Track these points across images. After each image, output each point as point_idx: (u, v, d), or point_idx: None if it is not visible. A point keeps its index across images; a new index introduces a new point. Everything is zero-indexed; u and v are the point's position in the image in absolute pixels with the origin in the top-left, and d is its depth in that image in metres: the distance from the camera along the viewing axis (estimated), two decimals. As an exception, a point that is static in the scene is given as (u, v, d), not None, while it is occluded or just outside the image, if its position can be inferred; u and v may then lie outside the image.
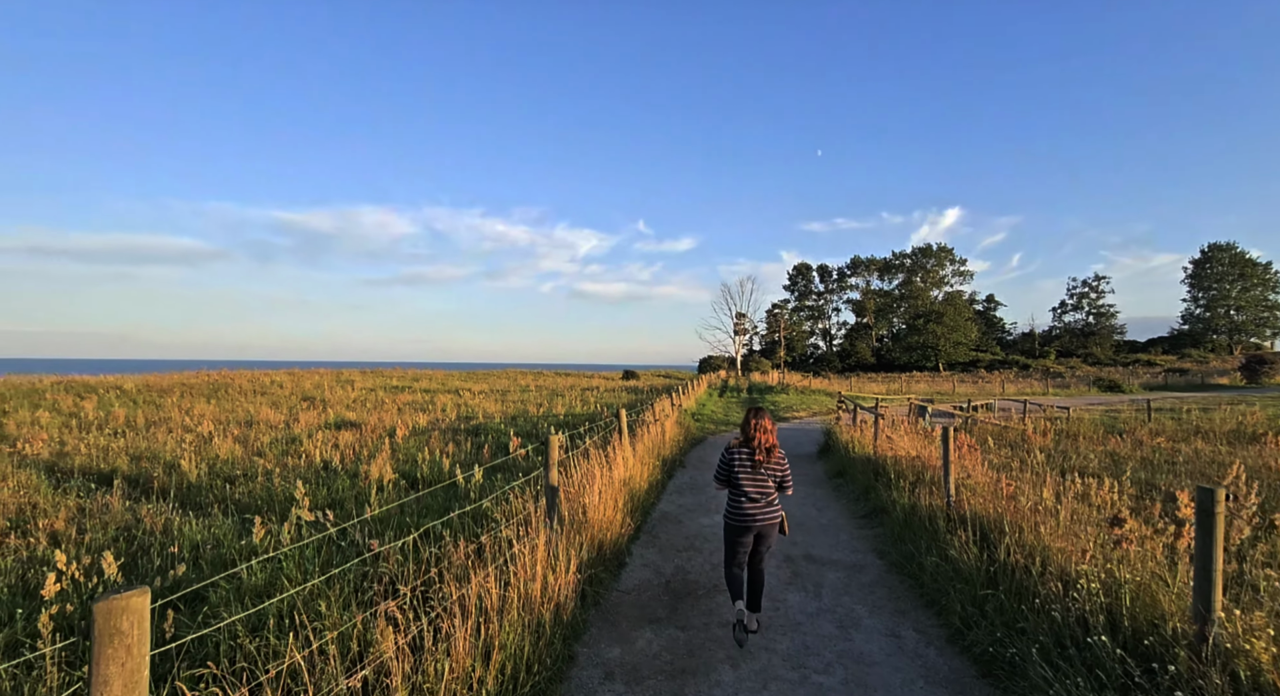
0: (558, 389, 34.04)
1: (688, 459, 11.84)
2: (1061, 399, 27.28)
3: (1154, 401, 20.37)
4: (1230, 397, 25.99)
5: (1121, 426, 14.43)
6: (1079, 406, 17.66)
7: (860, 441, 9.77)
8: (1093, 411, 18.51)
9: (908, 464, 7.73)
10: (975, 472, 6.45)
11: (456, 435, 13.36)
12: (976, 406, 20.17)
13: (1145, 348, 78.69)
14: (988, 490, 5.69)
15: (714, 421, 18.90)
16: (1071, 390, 35.02)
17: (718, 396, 30.00)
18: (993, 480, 5.90)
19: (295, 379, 32.83)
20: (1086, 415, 16.44)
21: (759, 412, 4.35)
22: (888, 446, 9.01)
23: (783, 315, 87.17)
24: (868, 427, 10.41)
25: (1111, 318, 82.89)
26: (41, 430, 11.89)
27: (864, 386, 33.58)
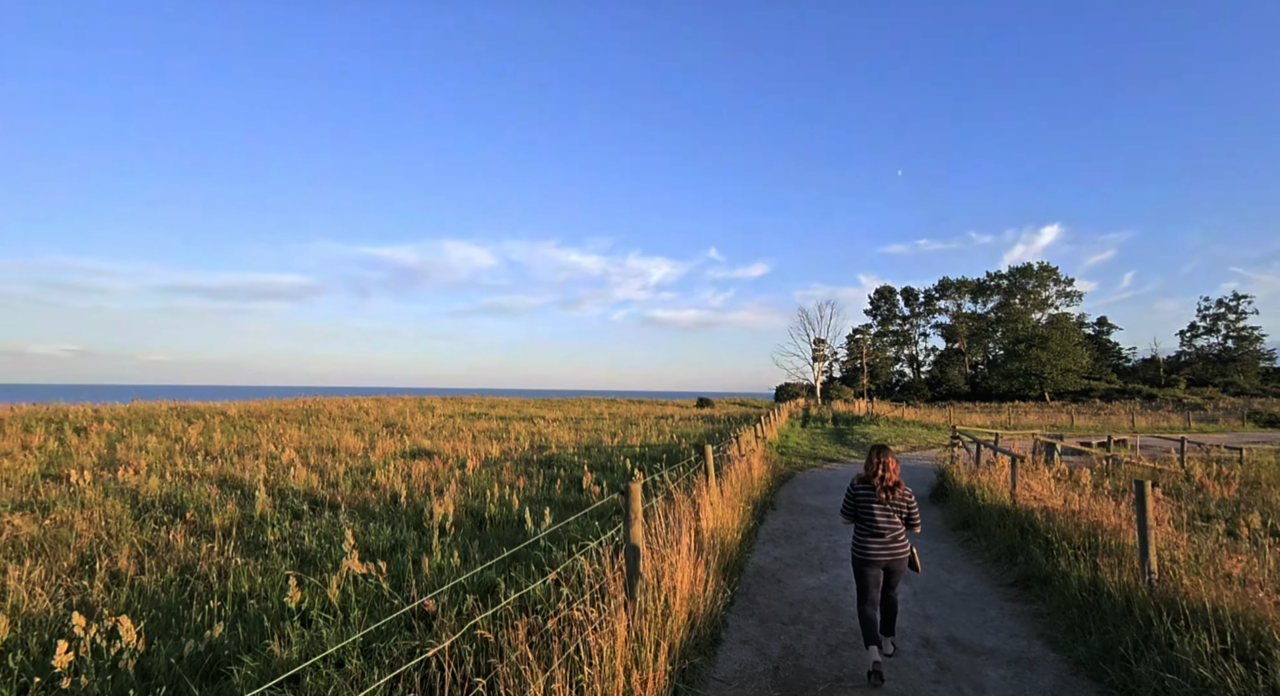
0: (632, 417, 33.41)
1: (777, 499, 10.63)
2: (1217, 436, 23.43)
3: None
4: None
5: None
6: (1248, 445, 14.77)
7: (989, 486, 8.25)
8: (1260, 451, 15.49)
9: (1066, 520, 6.25)
10: (1172, 536, 4.97)
11: (529, 467, 12.82)
12: (1112, 443, 17.48)
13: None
14: (1203, 565, 4.26)
15: (800, 455, 17.43)
16: (1220, 425, 30.20)
17: (800, 427, 28.20)
18: (1204, 550, 4.45)
19: (381, 405, 34.07)
20: (1269, 458, 13.64)
21: (882, 451, 4.40)
22: (1027, 494, 7.49)
23: (865, 341, 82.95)
24: (997, 470, 8.84)
25: (1256, 342, 72.98)
26: (146, 455, 12.44)
27: (964, 417, 30.55)
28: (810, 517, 9.19)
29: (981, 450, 9.71)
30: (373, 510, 7.79)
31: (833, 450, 18.88)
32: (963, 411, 35.04)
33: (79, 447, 13.22)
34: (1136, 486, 4.67)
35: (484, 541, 6.25)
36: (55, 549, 5.76)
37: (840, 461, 16.56)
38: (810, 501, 10.62)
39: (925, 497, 10.92)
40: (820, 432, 25.70)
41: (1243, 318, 73.50)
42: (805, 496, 11.12)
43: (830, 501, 10.57)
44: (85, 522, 6.53)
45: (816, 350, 74.28)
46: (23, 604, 4.21)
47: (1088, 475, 8.54)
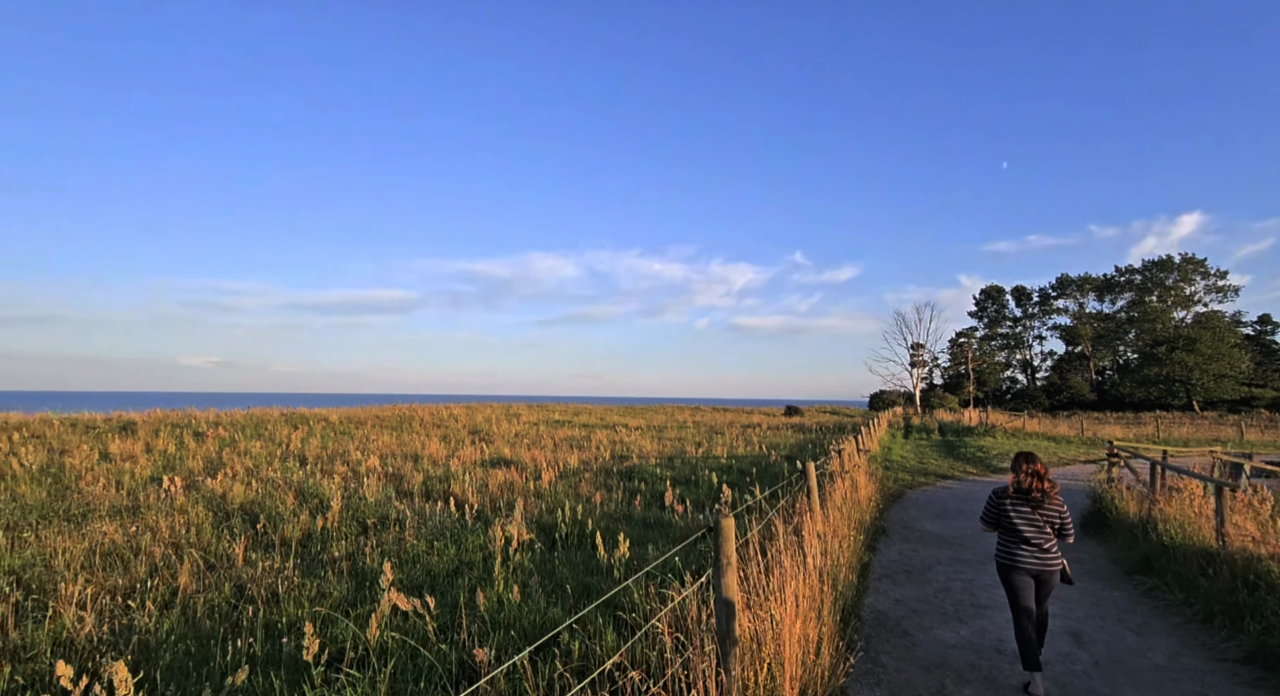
0: (716, 426, 32.23)
1: (889, 523, 9.22)
2: None
3: None
4: None
5: None
6: None
7: (1178, 520, 6.49)
8: None
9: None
10: None
11: (609, 478, 12.14)
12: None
13: None
14: None
15: (907, 470, 15.60)
16: None
17: (902, 438, 25.80)
18: None
19: (470, 412, 35.04)
20: None
21: (1030, 458, 4.24)
22: (1238, 534, 5.74)
23: (970, 345, 76.41)
24: (1185, 498, 6.97)
25: None
26: (248, 459, 12.98)
27: (1098, 430, 26.72)
28: (932, 548, 7.78)
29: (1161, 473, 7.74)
30: (443, 525, 7.34)
31: (944, 465, 16.81)
32: (1094, 422, 30.80)
33: (195, 452, 14.08)
34: None
35: (550, 571, 5.54)
36: (131, 560, 5.66)
37: (955, 478, 14.62)
38: (928, 526, 9.13)
39: (1078, 526, 9.10)
40: (926, 445, 23.30)
41: None
42: (921, 520, 9.61)
43: (953, 527, 9.02)
44: (167, 531, 6.50)
45: (915, 355, 69.19)
46: (63, 631, 3.94)
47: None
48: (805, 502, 5.91)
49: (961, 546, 7.89)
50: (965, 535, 8.56)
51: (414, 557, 5.89)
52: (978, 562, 7.10)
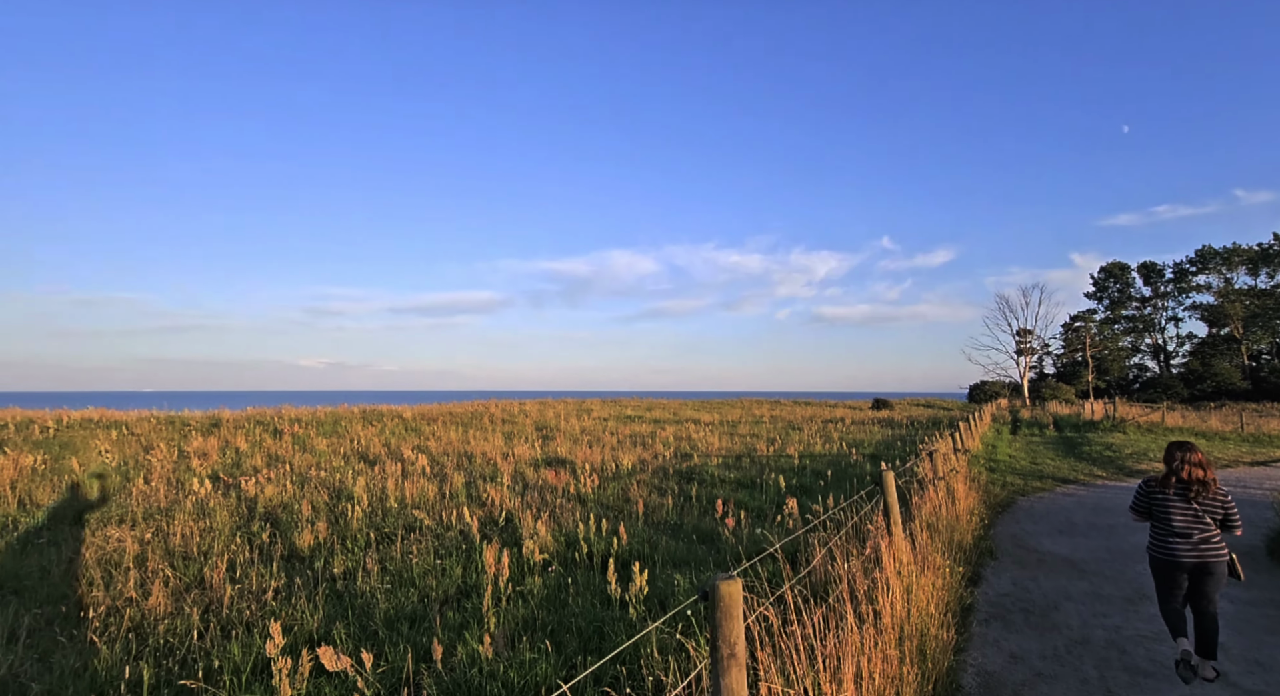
0: (795, 421, 30.38)
1: (996, 540, 7.54)
2: None
3: None
4: None
5: None
6: None
7: None
8: None
9: None
10: None
11: (665, 480, 11.11)
12: None
13: None
14: None
15: (1017, 473, 13.40)
16: None
17: (1009, 434, 22.85)
18: None
19: (542, 408, 35.16)
20: None
21: (1188, 447, 4.02)
22: None
23: (1089, 329, 68.47)
24: None
25: None
26: (309, 457, 13.10)
27: (1261, 423, 22.36)
28: (1057, 577, 6.12)
29: None
30: (462, 535, 6.61)
31: (1064, 467, 14.36)
32: (1254, 415, 25.95)
33: (269, 448, 14.50)
34: None
35: (562, 602, 4.58)
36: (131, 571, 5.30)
37: (1080, 482, 12.32)
38: (1048, 545, 7.37)
39: (1260, 549, 7.00)
40: (1040, 442, 20.41)
41: None
42: (1038, 536, 7.82)
43: (1084, 548, 7.22)
44: (179, 538, 6.18)
45: (1021, 342, 62.74)
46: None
47: None
48: (883, 527, 4.59)
49: (1098, 575, 6.17)
50: (1101, 558, 6.77)
51: (415, 578, 5.15)
52: (1124, 600, 5.43)
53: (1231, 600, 5.36)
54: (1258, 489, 11.37)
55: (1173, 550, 3.91)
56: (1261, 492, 11.00)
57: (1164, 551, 3.96)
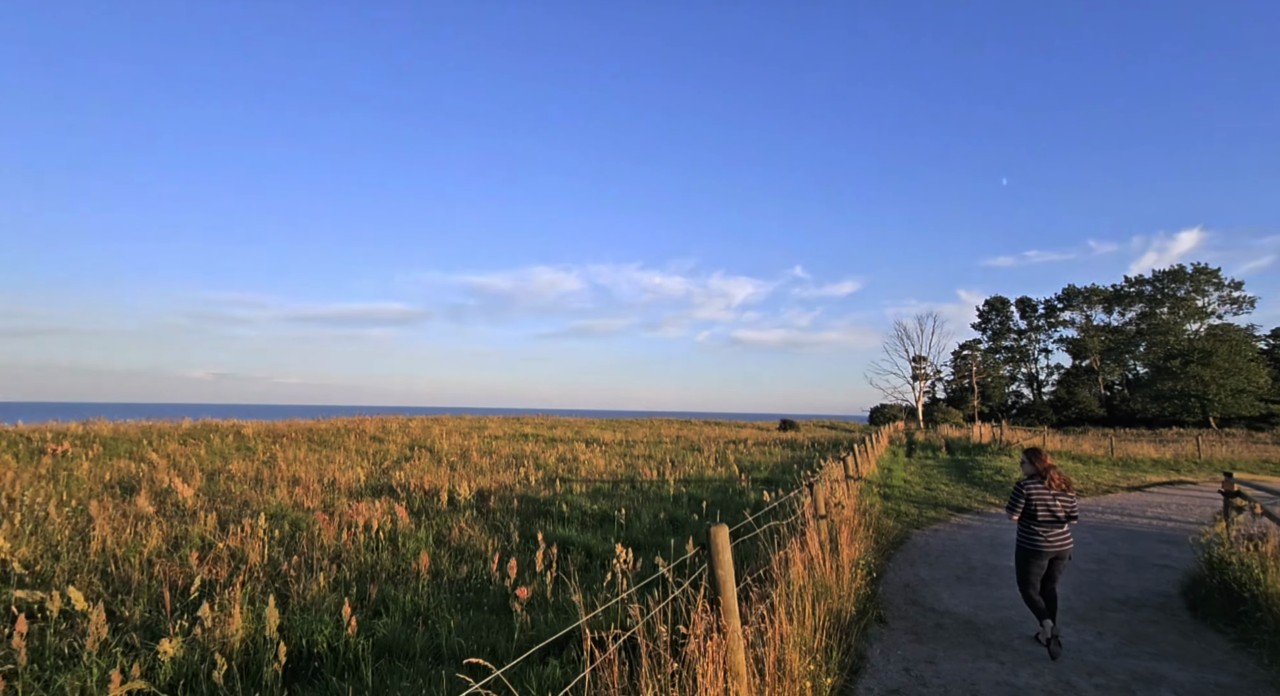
0: (699, 441, 29.11)
1: (887, 593, 6.07)
2: None
3: None
4: None
5: None
6: None
7: None
8: None
9: None
10: None
11: (509, 516, 9.01)
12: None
13: None
14: None
15: (912, 500, 12.43)
16: None
17: (904, 457, 22.60)
18: None
19: (429, 425, 31.94)
20: None
21: (1040, 451, 4.94)
22: None
23: (975, 357, 73.37)
24: None
25: None
26: (51, 487, 9.85)
27: (1127, 448, 23.54)
28: (959, 653, 4.63)
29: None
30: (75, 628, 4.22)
31: (958, 492, 13.64)
32: (1120, 441, 27.56)
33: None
34: None
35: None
36: None
37: (974, 512, 11.46)
38: (947, 600, 5.97)
39: (1176, 600, 5.92)
40: (934, 465, 20.12)
41: None
42: (936, 587, 6.45)
43: (987, 603, 5.87)
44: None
45: (917, 368, 66.01)
46: None
47: None
48: (710, 611, 2.80)
49: (1007, 650, 4.74)
50: (1009, 619, 5.41)
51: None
52: (1047, 695, 3.96)
53: (1177, 691, 4.03)
54: (1141, 517, 10.92)
55: (1041, 539, 4.69)
56: (1146, 521, 10.50)
57: (1032, 543, 4.73)
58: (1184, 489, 14.97)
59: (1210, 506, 12.05)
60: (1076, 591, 6.29)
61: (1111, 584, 6.57)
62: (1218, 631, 5.08)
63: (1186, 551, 7.81)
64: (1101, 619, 5.46)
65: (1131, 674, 4.27)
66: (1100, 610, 5.70)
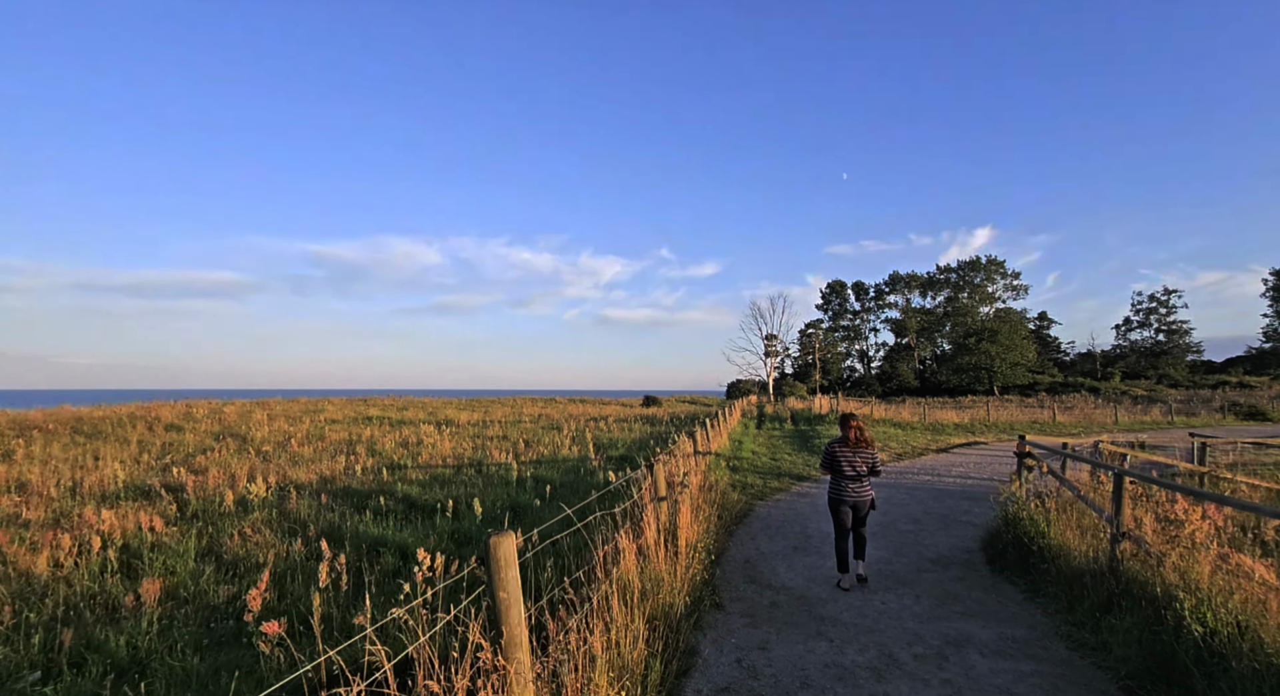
0: (560, 420, 28.43)
1: (725, 572, 5.87)
2: (1218, 431, 20.57)
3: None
4: None
5: None
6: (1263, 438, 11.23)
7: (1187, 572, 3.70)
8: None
9: None
10: None
11: (315, 514, 7.65)
12: (1142, 445, 13.75)
13: (1223, 368, 69.83)
14: None
15: (758, 471, 12.85)
16: (1203, 418, 27.87)
17: (755, 429, 23.83)
18: None
19: (249, 410, 27.81)
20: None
21: (853, 416, 5.60)
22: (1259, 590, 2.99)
23: (817, 336, 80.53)
24: (1146, 515, 4.28)
25: (1185, 335, 74.31)
26: None
27: (936, 414, 27.05)
28: (792, 635, 4.45)
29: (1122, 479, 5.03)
30: None
31: (799, 461, 14.41)
32: (929, 408, 31.65)
33: None
34: None
35: None
36: None
37: (813, 479, 12.07)
38: (783, 574, 5.91)
39: (978, 555, 6.40)
40: (780, 435, 21.38)
41: (1173, 311, 74.81)
42: (774, 560, 6.41)
43: (820, 572, 5.89)
44: None
45: (769, 345, 70.94)
46: None
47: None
48: (490, 650, 2.09)
49: (837, 624, 4.66)
50: (843, 597, 5.42)
51: None
52: (871, 673, 3.85)
53: (983, 651, 4.14)
54: (948, 476, 12.21)
55: (844, 491, 5.39)
56: (952, 480, 11.74)
57: (837, 493, 5.44)
58: (979, 449, 17.26)
59: (999, 463, 13.87)
60: (898, 554, 6.59)
61: (926, 543, 7.01)
62: (1012, 583, 5.49)
63: (985, 506, 8.68)
64: (918, 580, 5.69)
65: (944, 638, 4.35)
66: (917, 571, 5.96)
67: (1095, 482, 7.03)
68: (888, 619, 4.73)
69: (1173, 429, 23.41)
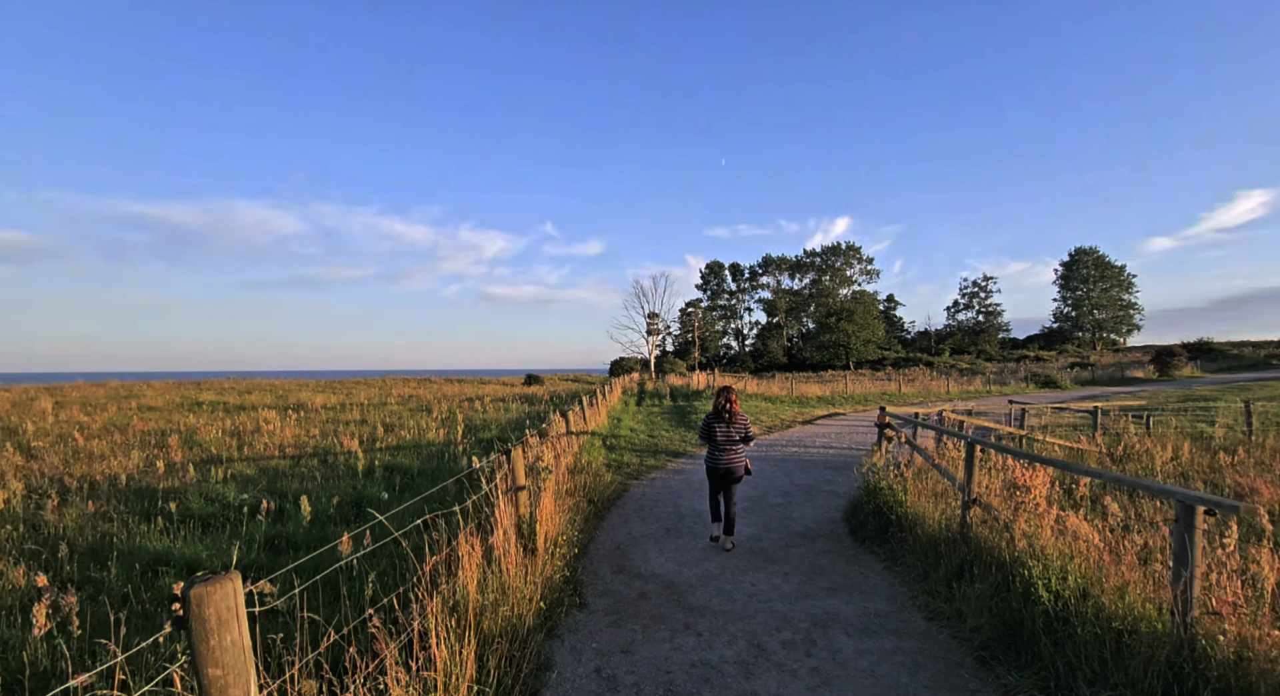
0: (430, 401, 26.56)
1: (592, 569, 5.41)
2: (1026, 397, 23.97)
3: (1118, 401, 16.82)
4: (1183, 392, 23.54)
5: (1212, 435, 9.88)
6: (1067, 405, 13.34)
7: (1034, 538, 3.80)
8: (1072, 414, 14.25)
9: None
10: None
11: (81, 523, 6.08)
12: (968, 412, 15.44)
13: (1024, 344, 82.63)
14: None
15: (635, 449, 12.63)
16: (1011, 387, 32.50)
17: (635, 406, 23.85)
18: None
19: (34, 395, 22.89)
20: (1174, 420, 11.74)
21: (727, 390, 5.94)
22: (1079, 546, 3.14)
23: (696, 314, 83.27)
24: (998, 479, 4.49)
25: (998, 316, 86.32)
26: None
27: (802, 388, 28.91)
28: (659, 632, 4.08)
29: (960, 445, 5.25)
30: None
31: (676, 438, 14.44)
32: (796, 382, 33.82)
33: None
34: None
35: None
36: None
37: (688, 454, 12.07)
38: (655, 561, 5.58)
39: (842, 526, 6.52)
40: (659, 411, 21.52)
41: (990, 295, 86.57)
42: (644, 546, 6.07)
43: (691, 555, 5.63)
44: None
45: (650, 323, 72.02)
46: None
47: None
48: None
49: (706, 613, 4.38)
50: (709, 573, 5.18)
51: None
52: (739, 668, 3.56)
53: (848, 630, 4.04)
54: (813, 447, 12.81)
55: (718, 459, 5.79)
56: (817, 450, 12.32)
57: (712, 461, 5.84)
58: (839, 420, 18.51)
59: (857, 433, 14.85)
60: (767, 529, 6.55)
61: (794, 516, 7.07)
62: (873, 553, 5.59)
63: (847, 476, 9.06)
64: (786, 556, 5.62)
65: (812, 619, 4.22)
66: (785, 547, 5.92)
67: (941, 449, 7.49)
68: (757, 602, 4.53)
69: (991, 397, 26.93)
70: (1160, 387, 28.67)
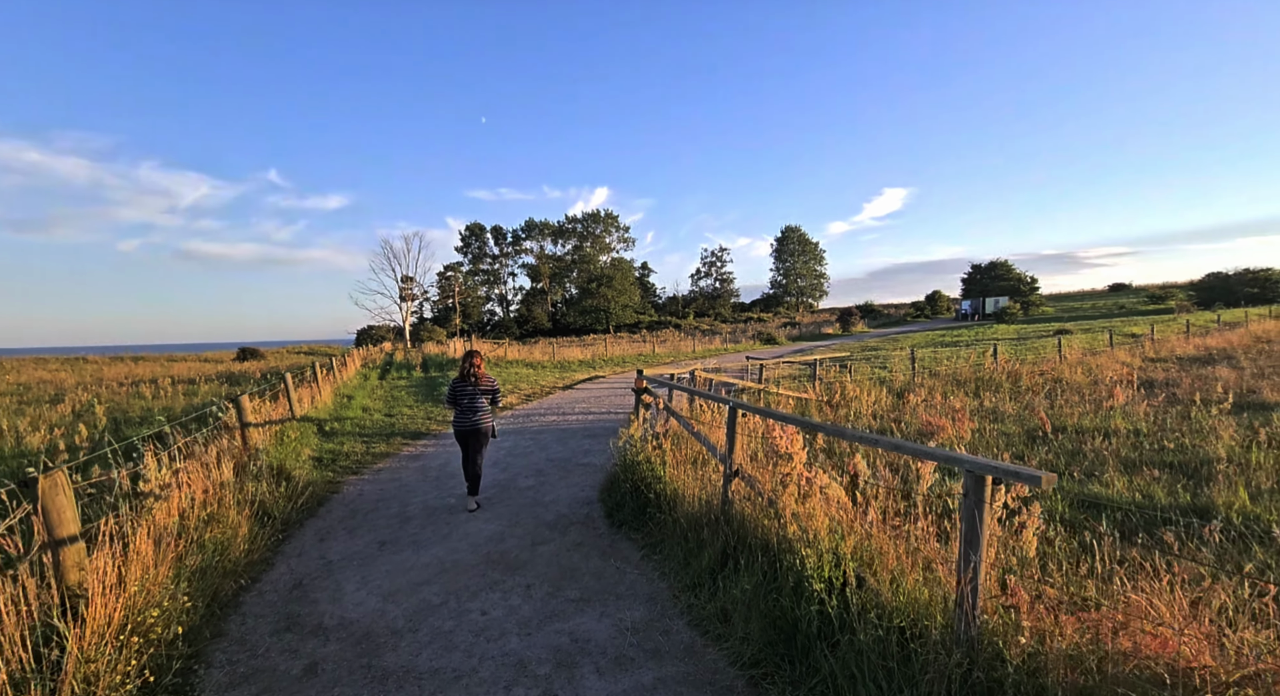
0: (69, 387, 19.51)
1: (253, 614, 3.61)
2: (756, 353, 27.27)
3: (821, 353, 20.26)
4: (861, 344, 29.47)
5: (890, 380, 11.96)
6: (783, 360, 15.53)
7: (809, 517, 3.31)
8: (793, 365, 16.70)
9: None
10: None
11: None
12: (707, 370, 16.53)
13: (750, 308, 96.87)
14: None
15: (364, 434, 10.35)
16: (743, 344, 37.09)
17: (377, 379, 20.59)
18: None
19: None
20: (861, 372, 13.84)
21: (473, 354, 6.02)
22: (831, 509, 2.80)
23: (457, 279, 77.91)
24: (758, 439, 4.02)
25: (731, 283, 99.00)
26: None
27: (563, 352, 28.55)
28: None
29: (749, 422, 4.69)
30: None
31: (420, 415, 12.42)
32: (558, 346, 33.50)
33: None
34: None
35: None
36: None
37: (431, 434, 10.31)
38: (353, 595, 4.00)
39: (598, 507, 5.68)
40: (406, 385, 18.83)
41: (724, 265, 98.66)
42: (345, 572, 4.40)
43: (414, 577, 4.18)
44: None
45: (405, 288, 64.65)
46: None
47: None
48: None
49: (410, 678, 3.04)
50: (428, 605, 3.83)
51: None
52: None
53: (599, 664, 3.10)
54: (572, 414, 12.10)
55: (464, 420, 5.87)
56: (576, 417, 11.62)
57: (460, 424, 5.89)
58: (599, 382, 18.36)
59: (615, 395, 14.66)
60: (514, 523, 5.40)
61: (546, 501, 6.05)
62: (630, 539, 4.84)
63: (604, 445, 8.40)
64: (533, 560, 4.54)
65: (556, 656, 3.19)
66: (533, 546, 4.84)
67: (695, 412, 7.22)
68: (485, 642, 3.35)
69: (729, 354, 30.16)
70: (845, 341, 35.47)
